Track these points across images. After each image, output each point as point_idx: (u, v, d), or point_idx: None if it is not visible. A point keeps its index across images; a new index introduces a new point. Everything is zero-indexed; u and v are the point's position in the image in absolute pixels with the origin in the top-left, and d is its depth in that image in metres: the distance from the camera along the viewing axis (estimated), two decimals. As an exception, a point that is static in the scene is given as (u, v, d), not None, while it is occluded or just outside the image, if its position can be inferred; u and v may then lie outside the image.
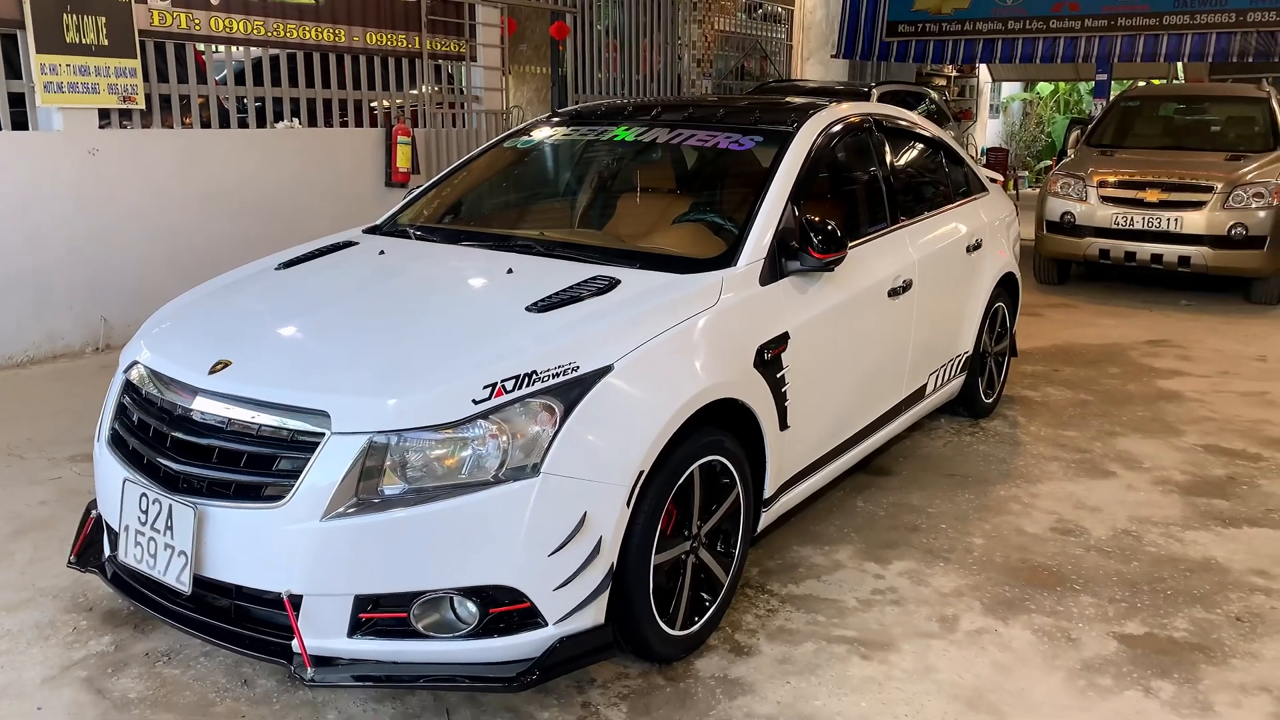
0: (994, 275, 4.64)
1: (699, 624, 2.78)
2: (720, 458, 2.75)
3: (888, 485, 4.04)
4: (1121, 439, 4.66)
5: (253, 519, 2.26)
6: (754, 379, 2.85)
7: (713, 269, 2.94)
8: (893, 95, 10.25)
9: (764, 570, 3.29)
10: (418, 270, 3.10)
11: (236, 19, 6.52)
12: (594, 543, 2.34)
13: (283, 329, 2.70)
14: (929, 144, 4.45)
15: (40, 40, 5.46)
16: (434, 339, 2.53)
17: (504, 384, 2.32)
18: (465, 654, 2.31)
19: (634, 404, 2.45)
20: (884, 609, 3.06)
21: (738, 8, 12.27)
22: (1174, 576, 3.32)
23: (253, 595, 2.32)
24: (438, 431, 2.26)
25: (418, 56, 7.81)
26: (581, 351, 2.44)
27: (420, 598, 2.26)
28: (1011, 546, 3.51)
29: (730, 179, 3.52)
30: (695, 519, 2.72)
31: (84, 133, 5.75)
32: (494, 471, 2.26)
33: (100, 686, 2.55)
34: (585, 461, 2.33)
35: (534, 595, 2.30)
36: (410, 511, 2.22)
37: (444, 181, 3.86)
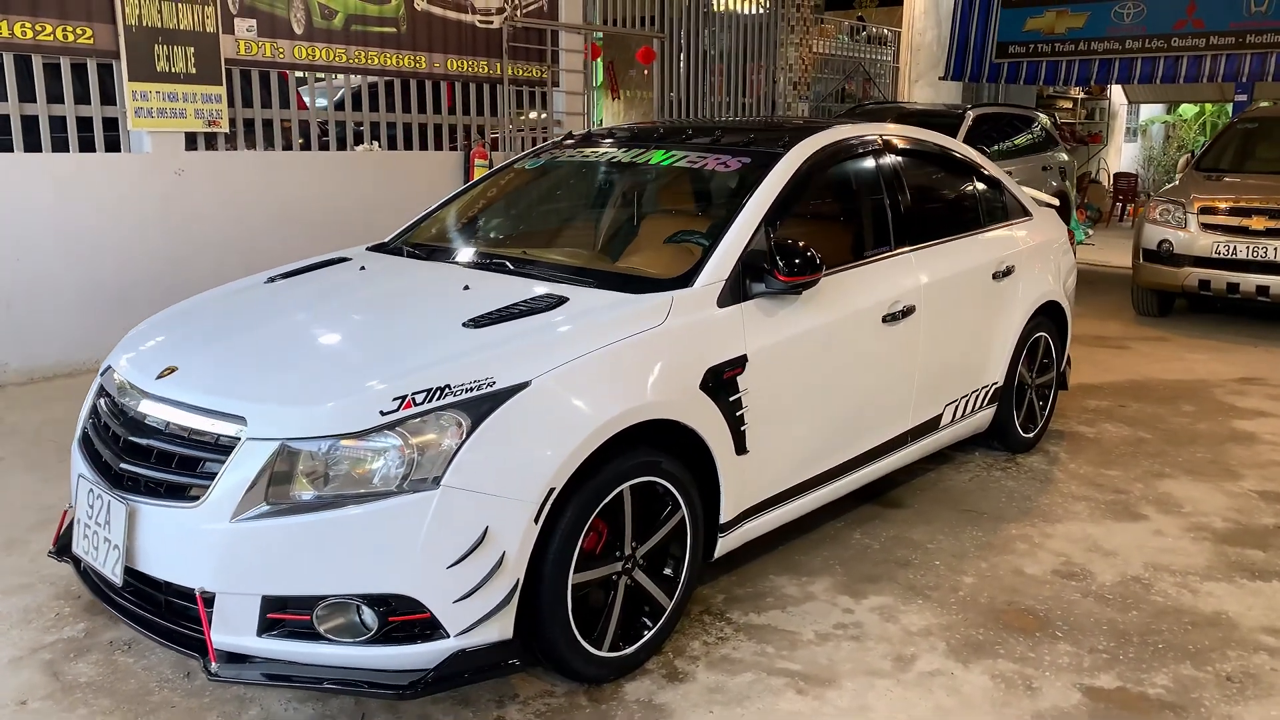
0: (1031, 304, 4.43)
1: (634, 647, 2.76)
2: (659, 479, 2.73)
3: (893, 518, 3.90)
4: (1168, 481, 4.37)
5: (175, 517, 2.38)
6: (700, 401, 2.82)
7: (668, 289, 2.93)
8: (994, 118, 9.95)
9: (730, 597, 3.23)
10: (383, 286, 3.20)
11: (319, 47, 6.87)
12: (496, 557, 2.36)
13: (235, 339, 2.84)
14: (955, 167, 4.31)
15: (133, 69, 5.89)
16: (364, 351, 2.62)
17: (414, 396, 2.37)
18: (366, 659, 2.36)
19: (548, 421, 2.46)
20: (840, 644, 2.96)
21: (839, 30, 12.14)
22: (1173, 629, 3.09)
23: (176, 590, 2.43)
24: (345, 440, 2.33)
25: (499, 82, 8.04)
26: (501, 367, 2.47)
27: (323, 602, 2.33)
28: (1002, 587, 3.34)
29: (712, 200, 3.49)
30: (629, 540, 2.70)
31: (171, 154, 6.16)
32: (397, 482, 2.32)
33: (58, 670, 2.72)
34: (489, 476, 2.35)
35: (433, 606, 2.33)
36: (314, 517, 2.29)
37: (453, 201, 3.97)
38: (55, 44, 5.62)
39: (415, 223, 3.89)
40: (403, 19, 7.34)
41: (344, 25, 6.99)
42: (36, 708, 2.55)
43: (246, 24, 6.46)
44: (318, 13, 6.84)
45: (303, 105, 7.38)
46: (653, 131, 3.88)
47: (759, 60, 11.43)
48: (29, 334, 5.64)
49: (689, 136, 3.75)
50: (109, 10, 5.77)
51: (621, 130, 4.03)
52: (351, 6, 7.01)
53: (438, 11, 7.57)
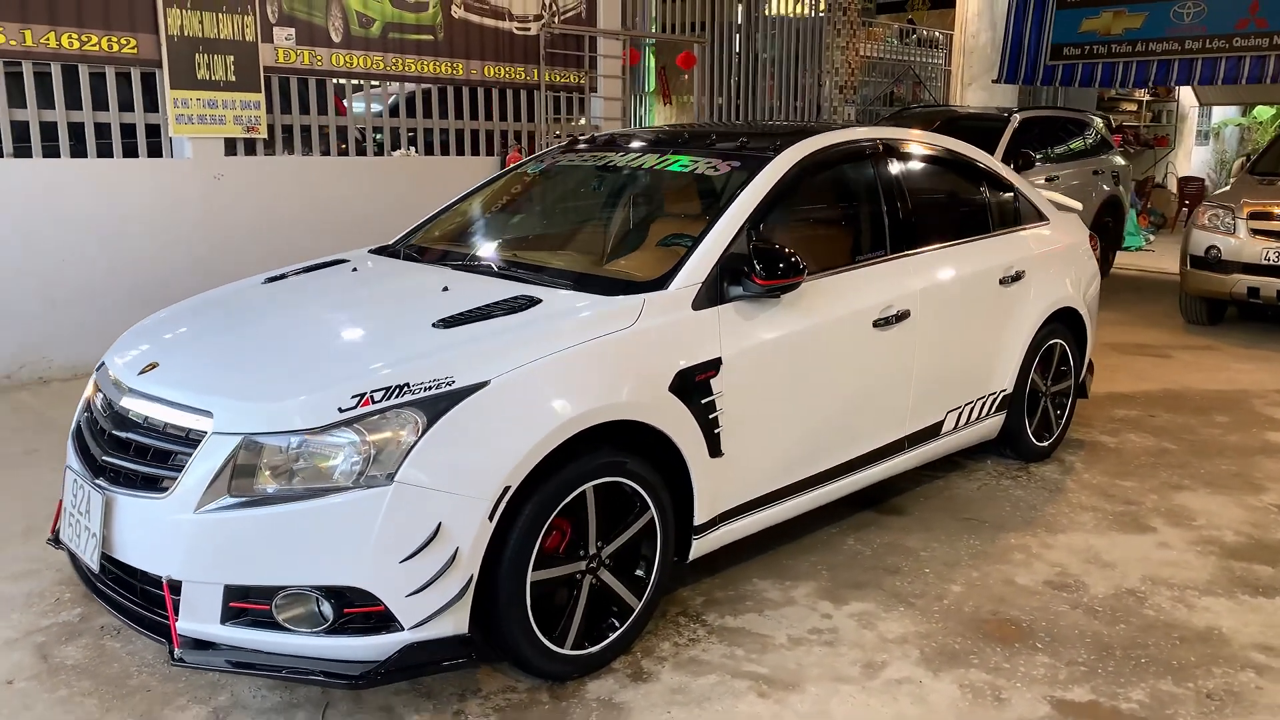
0: (1043, 310, 4.35)
1: (600, 646, 2.79)
2: (625, 480, 2.75)
3: (890, 525, 3.86)
4: (1184, 493, 4.25)
5: (146, 507, 2.47)
6: (670, 403, 2.83)
7: (642, 292, 2.95)
8: (1042, 122, 9.77)
9: (709, 600, 3.24)
10: (368, 287, 3.28)
11: (357, 55, 7.03)
12: (449, 553, 2.41)
13: (217, 337, 2.94)
14: (963, 171, 4.25)
15: (174, 77, 6.10)
16: (333, 350, 2.69)
17: (373, 394, 2.43)
18: (322, 649, 2.42)
19: (505, 420, 2.50)
20: (811, 649, 2.95)
21: (888, 33, 12.02)
22: (1160, 644, 3.01)
23: (147, 578, 2.52)
24: (303, 436, 2.40)
25: (535, 88, 8.14)
26: (461, 366, 2.52)
27: (281, 592, 2.40)
28: (989, 597, 3.29)
29: (699, 204, 3.50)
30: (593, 540, 2.73)
31: (210, 159, 6.36)
32: (354, 477, 2.38)
33: (47, 652, 2.84)
34: (443, 473, 2.40)
35: (386, 599, 2.39)
36: (272, 510, 2.37)
37: (457, 204, 4.05)
38: (101, 54, 5.85)
39: (420, 225, 3.98)
40: (440, 26, 7.48)
41: (381, 33, 7.15)
42: (21, 687, 2.67)
43: (285, 33, 6.65)
44: (355, 21, 7.01)
45: (342, 111, 7.57)
46: (652, 136, 3.90)
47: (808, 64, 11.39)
48: (73, 331, 5.86)
49: (685, 141, 3.77)
50: (152, 21, 5.99)
51: (623, 135, 4.07)
52: (389, 15, 7.17)
53: (475, 19, 7.69)
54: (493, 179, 4.12)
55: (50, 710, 2.57)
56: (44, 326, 5.77)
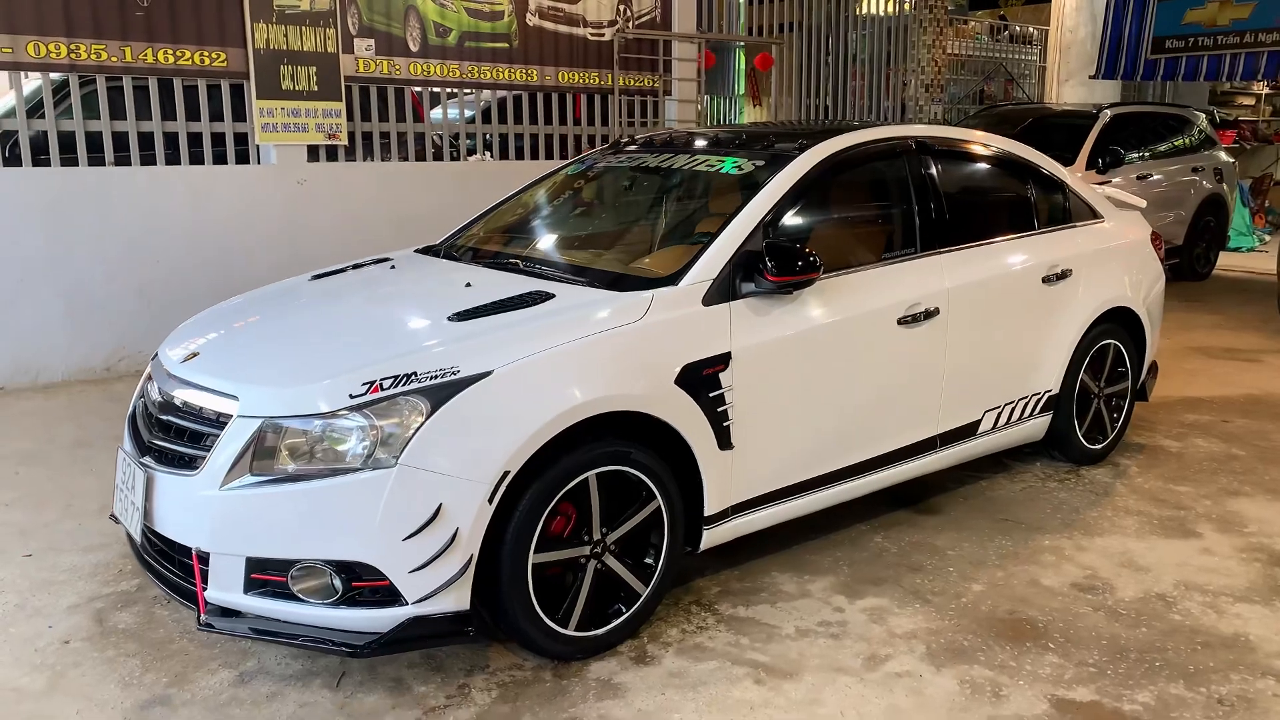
0: (1093, 309, 4.26)
1: (605, 629, 2.88)
2: (630, 469, 2.85)
3: (922, 524, 3.85)
4: (1242, 500, 4.10)
5: (180, 484, 2.68)
6: (676, 396, 2.91)
7: (654, 287, 3.04)
8: (1136, 118, 9.44)
9: (725, 590, 3.30)
10: (400, 284, 3.45)
11: (434, 63, 7.30)
12: (450, 533, 2.54)
13: (255, 328, 3.15)
14: (1007, 168, 4.19)
15: (260, 88, 6.46)
16: (353, 340, 2.86)
17: (382, 381, 2.58)
18: (332, 620, 2.59)
19: (506, 408, 2.62)
20: (816, 641, 2.98)
21: (978, 30, 11.78)
22: (1179, 648, 2.95)
23: (182, 549, 2.73)
24: (316, 419, 2.57)
25: (610, 93, 8.29)
26: (466, 357, 2.66)
27: (296, 565, 2.57)
28: (1010, 597, 3.26)
29: (723, 201, 3.55)
30: (598, 526, 2.83)
31: (294, 165, 6.71)
32: (362, 459, 2.53)
33: (104, 617, 3.10)
34: (444, 457, 2.54)
35: (391, 574, 2.53)
36: (287, 488, 2.54)
37: (502, 205, 4.20)
38: (193, 67, 6.24)
39: (465, 225, 4.14)
40: (515, 34, 7.69)
41: (458, 42, 7.40)
42: (75, 647, 2.92)
43: (365, 44, 6.96)
44: (433, 31, 7.27)
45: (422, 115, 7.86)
46: (688, 137, 3.99)
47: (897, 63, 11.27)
48: (165, 327, 6.16)
49: (719, 142, 3.84)
50: (241, 36, 6.35)
51: (663, 137, 4.16)
52: (465, 24, 7.42)
53: (549, 26, 7.89)
54: (537, 180, 4.26)
55: (96, 668, 2.80)
56: (139, 322, 6.17)
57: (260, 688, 2.72)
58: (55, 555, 3.52)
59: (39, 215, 5.80)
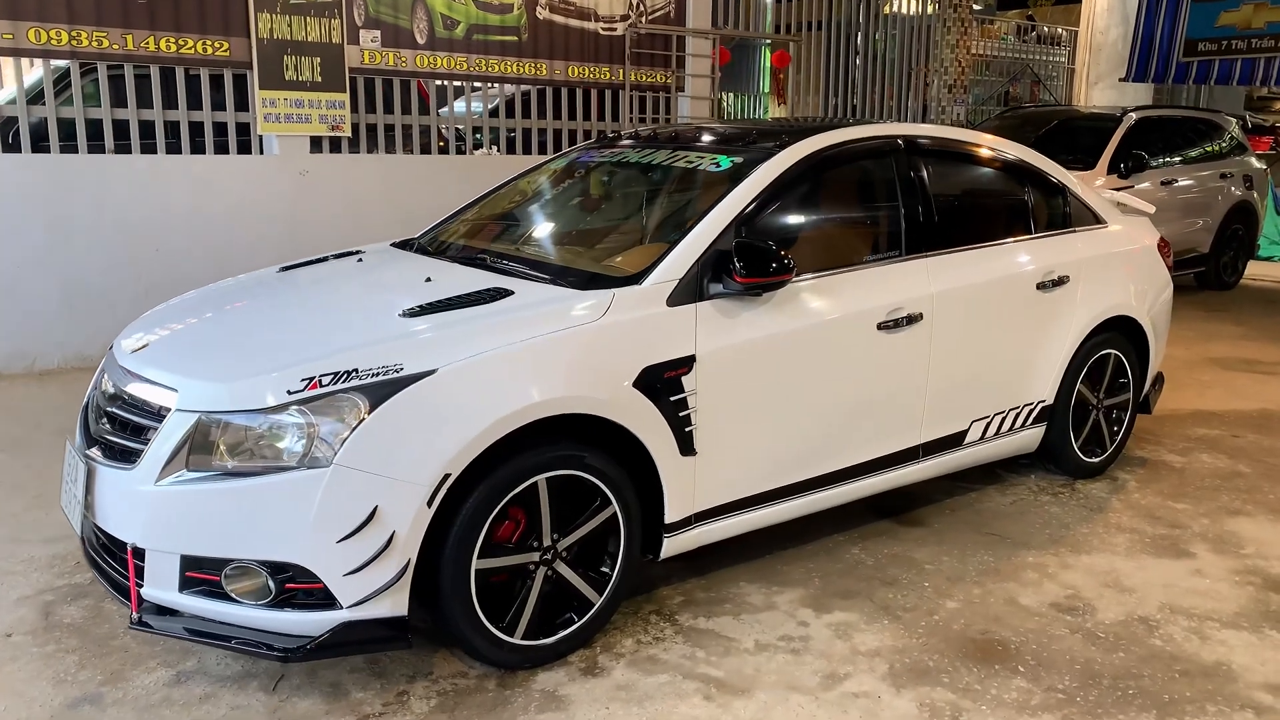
0: (1092, 318, 4.11)
1: (555, 638, 2.79)
2: (584, 474, 2.75)
3: (904, 536, 3.72)
4: (1241, 519, 3.94)
5: (118, 477, 2.61)
6: (634, 399, 2.81)
7: (619, 286, 2.94)
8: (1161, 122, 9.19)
9: (689, 600, 3.20)
10: (362, 278, 3.38)
11: (441, 56, 7.24)
12: (386, 536, 2.46)
13: (208, 320, 3.08)
14: (1002, 170, 4.05)
15: (263, 78, 6.43)
16: (300, 335, 2.79)
17: (321, 378, 2.51)
18: (266, 622, 2.51)
19: (449, 409, 2.54)
20: (775, 656, 2.88)
21: (1005, 30, 11.57)
22: (1156, 675, 2.81)
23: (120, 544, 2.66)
24: (253, 415, 2.49)
25: (621, 88, 8.19)
26: (411, 354, 2.57)
27: (230, 565, 2.50)
28: (985, 616, 3.13)
29: (697, 199, 3.45)
30: (548, 532, 2.74)
31: (296, 156, 6.67)
32: (298, 457, 2.46)
33: (50, 611, 3.05)
34: (382, 458, 2.46)
35: (324, 577, 2.46)
36: (222, 485, 2.47)
37: (483, 199, 4.13)
38: (196, 56, 6.22)
39: (446, 219, 4.07)
40: (524, 28, 7.62)
41: (465, 35, 7.34)
42: (16, 640, 2.87)
43: (371, 35, 6.91)
44: (440, 24, 7.21)
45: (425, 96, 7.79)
46: (673, 133, 3.89)
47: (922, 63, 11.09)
48: (163, 317, 6.25)
49: (700, 139, 3.74)
50: (244, 25, 6.32)
51: (647, 133, 4.06)
52: (474, 17, 7.35)
53: (560, 20, 7.80)
54: (519, 175, 4.18)
55: (32, 663, 2.75)
56: (137, 311, 6.08)
57: (195, 689, 2.65)
58: (15, 545, 3.49)
59: (38, 202, 5.81)
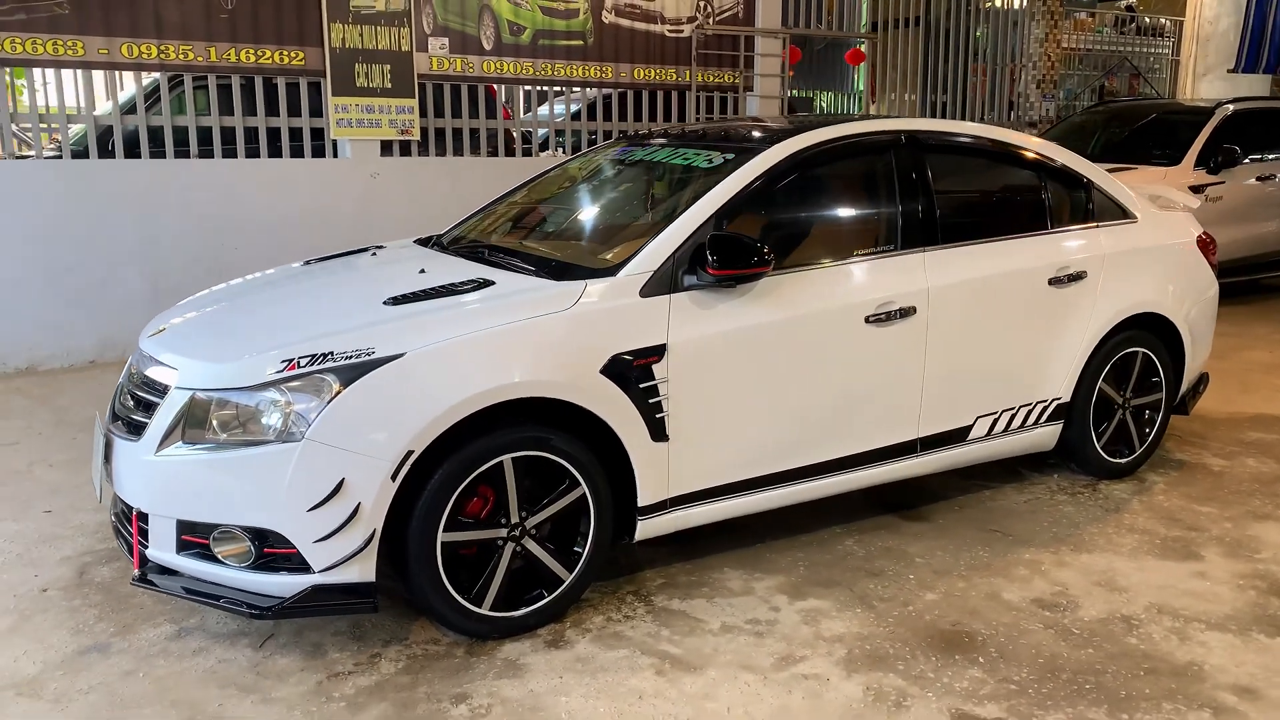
0: (1114, 314, 4.02)
1: (524, 611, 2.94)
2: (551, 455, 2.89)
3: (903, 530, 3.73)
4: (1269, 524, 3.80)
5: (129, 448, 2.88)
6: (602, 385, 2.94)
7: (594, 277, 3.07)
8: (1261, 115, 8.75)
9: (669, 582, 3.30)
10: (369, 270, 3.60)
11: (508, 61, 7.49)
12: (352, 507, 2.65)
13: (222, 308, 3.34)
14: (1013, 165, 4.00)
15: (336, 85, 6.79)
16: (292, 321, 3.01)
17: (299, 360, 2.72)
18: (248, 583, 2.74)
19: (415, 390, 2.71)
20: (737, 638, 2.95)
21: (1100, 22, 11.18)
22: (1120, 672, 2.77)
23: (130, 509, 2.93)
24: (238, 393, 2.72)
25: (687, 89, 8.30)
26: (383, 339, 2.76)
27: (217, 529, 2.73)
28: (961, 609, 3.14)
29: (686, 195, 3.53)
30: (515, 509, 2.89)
31: (367, 159, 7.02)
32: (276, 432, 2.68)
33: (86, 570, 3.36)
34: (349, 434, 2.65)
35: (297, 543, 2.67)
36: (210, 456, 2.71)
37: (504, 198, 4.31)
38: (274, 66, 6.62)
39: (469, 216, 4.27)
40: (590, 32, 7.80)
41: (531, 40, 7.57)
42: (50, 595, 3.19)
43: (440, 42, 7.21)
44: (506, 30, 7.47)
45: (506, 115, 8.09)
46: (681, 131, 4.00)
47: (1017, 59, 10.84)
48: (241, 311, 6.67)
49: (703, 136, 3.83)
50: (318, 35, 6.70)
51: (661, 131, 4.18)
52: (539, 22, 7.58)
53: (625, 24, 7.96)
54: (539, 175, 4.35)
55: (58, 616, 3.06)
56: (217, 305, 6.59)
57: (191, 643, 2.90)
58: (72, 513, 3.83)
59: (130, 204, 6.28)
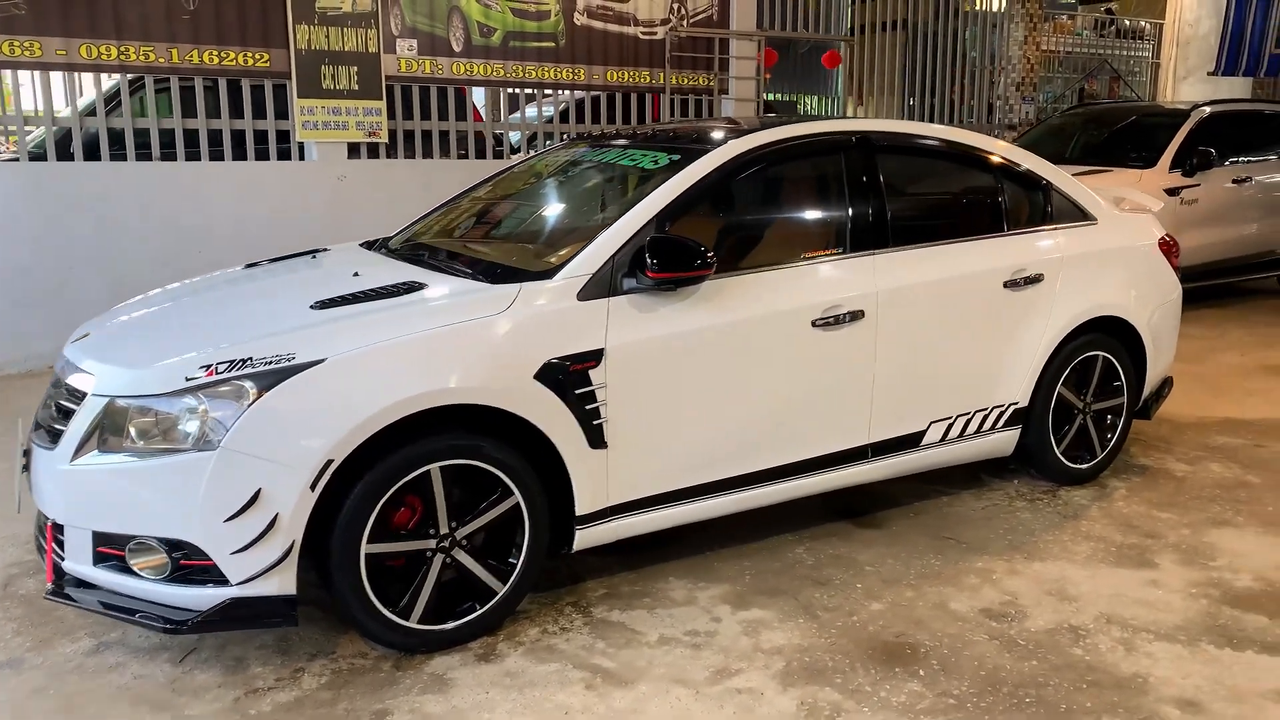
0: (1072, 317, 3.95)
1: (455, 624, 2.86)
2: (482, 464, 2.82)
3: (856, 537, 3.66)
4: (1227, 531, 3.73)
5: (45, 457, 2.80)
6: (536, 391, 2.86)
7: (527, 280, 3.00)
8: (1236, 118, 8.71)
9: (611, 592, 3.22)
10: (304, 273, 3.52)
11: (477, 63, 7.42)
12: (269, 517, 2.57)
13: (153, 312, 3.26)
14: (968, 166, 3.93)
15: (301, 87, 6.71)
16: (216, 326, 2.93)
17: (218, 366, 2.64)
18: (165, 596, 2.65)
19: (335, 396, 2.63)
20: (674, 650, 2.88)
21: (1079, 25, 11.15)
22: (1062, 685, 2.70)
23: (50, 520, 2.85)
24: (155, 400, 2.64)
25: (660, 92, 8.24)
26: (304, 344, 2.68)
27: (132, 540, 2.65)
28: (906, 619, 3.06)
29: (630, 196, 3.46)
30: (444, 520, 2.81)
31: (334, 162, 6.94)
32: (193, 440, 2.60)
33: (10, 582, 3.27)
34: (266, 442, 2.57)
35: (213, 554, 2.59)
36: (125, 465, 2.63)
37: (460, 198, 4.24)
38: (238, 67, 6.54)
39: (419, 218, 4.19)
40: (562, 34, 7.74)
41: (502, 42, 7.50)
42: (-28, 608, 3.10)
43: (408, 44, 7.14)
44: (476, 31, 7.40)
45: (478, 117, 8.02)
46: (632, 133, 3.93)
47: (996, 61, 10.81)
48: (204, 316, 6.58)
49: (652, 137, 3.77)
50: (284, 37, 6.62)
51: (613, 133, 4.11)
52: (510, 24, 7.51)
53: (598, 25, 7.90)
54: (493, 176, 4.28)
55: (-24, 629, 2.97)
56: (179, 310, 6.51)
57: (109, 658, 2.82)
58: (3, 523, 3.74)
59: (89, 207, 6.20)
